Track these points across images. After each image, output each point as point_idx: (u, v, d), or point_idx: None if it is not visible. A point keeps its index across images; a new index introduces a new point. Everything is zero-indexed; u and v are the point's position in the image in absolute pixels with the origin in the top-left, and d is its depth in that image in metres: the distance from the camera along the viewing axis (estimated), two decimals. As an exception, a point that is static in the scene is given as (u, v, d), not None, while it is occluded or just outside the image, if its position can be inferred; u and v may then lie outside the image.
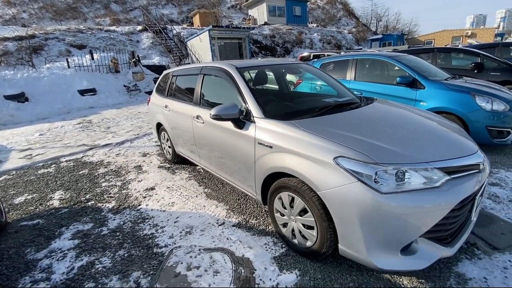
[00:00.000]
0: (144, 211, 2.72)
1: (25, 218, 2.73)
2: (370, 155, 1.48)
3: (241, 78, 2.33)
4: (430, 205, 1.39)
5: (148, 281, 1.82)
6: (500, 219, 2.21)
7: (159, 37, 15.69)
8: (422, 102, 3.83)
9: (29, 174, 3.90)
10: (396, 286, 1.66)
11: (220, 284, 1.74)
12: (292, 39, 23.09)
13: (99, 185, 3.41)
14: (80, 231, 2.45)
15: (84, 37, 13.73)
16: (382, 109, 2.27)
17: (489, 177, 2.98)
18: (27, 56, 10.39)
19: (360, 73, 4.64)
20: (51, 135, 6.09)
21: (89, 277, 1.89)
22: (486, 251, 1.89)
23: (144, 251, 2.12)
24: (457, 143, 1.74)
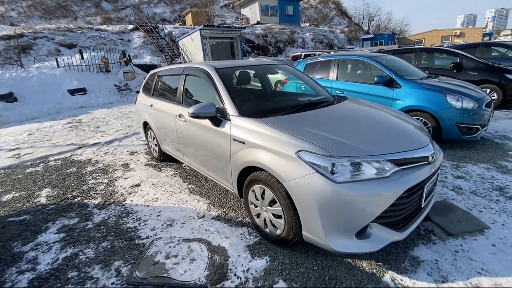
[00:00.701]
0: (129, 206, 2.84)
1: (12, 214, 2.81)
2: (327, 148, 1.63)
3: (219, 79, 2.46)
4: (379, 193, 1.55)
5: (128, 269, 1.94)
6: (459, 209, 2.39)
7: (150, 36, 15.67)
8: (399, 100, 4.02)
9: (17, 173, 3.96)
10: (356, 268, 1.82)
11: (195, 270, 1.88)
12: (284, 38, 23.27)
13: (86, 182, 3.50)
14: (66, 225, 2.55)
15: (74, 36, 13.64)
16: (349, 107, 2.44)
17: (456, 170, 3.18)
18: (15, 55, 10.31)
19: (342, 73, 4.81)
20: (39, 135, 6.12)
21: (73, 266, 2.01)
22: (441, 237, 2.07)
23: (127, 243, 2.24)
24: (410, 137, 1.91)
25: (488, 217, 2.28)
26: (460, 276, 1.71)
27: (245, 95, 2.51)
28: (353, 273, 1.78)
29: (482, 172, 3.10)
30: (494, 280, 1.67)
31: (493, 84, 5.81)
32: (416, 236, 2.09)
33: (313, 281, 1.73)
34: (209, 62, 2.96)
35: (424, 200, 1.80)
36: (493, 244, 1.96)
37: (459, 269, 1.76)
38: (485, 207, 2.42)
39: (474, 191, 2.71)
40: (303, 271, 1.81)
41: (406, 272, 1.77)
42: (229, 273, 1.84)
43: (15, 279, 1.90)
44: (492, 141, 4.13)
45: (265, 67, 3.23)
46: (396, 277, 1.73)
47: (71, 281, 1.87)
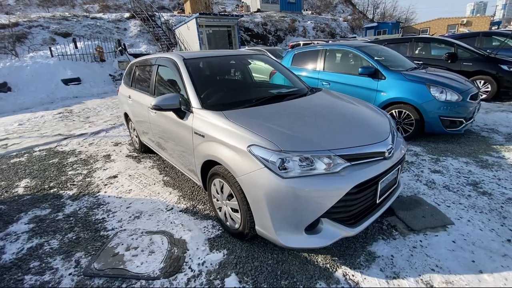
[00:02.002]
0: (102, 197, 2.85)
1: (-13, 204, 2.85)
2: (278, 143, 1.60)
3: (186, 69, 2.41)
4: (327, 189, 1.52)
5: (88, 261, 1.96)
6: (427, 204, 2.36)
7: (147, 25, 15.43)
8: (383, 92, 3.93)
9: (1, 163, 4.00)
10: (310, 263, 1.82)
11: (151, 263, 1.89)
12: (284, 27, 22.77)
13: (65, 173, 3.53)
14: (37, 216, 2.58)
15: (69, 24, 13.49)
16: (317, 100, 2.38)
17: (434, 164, 3.13)
18: (10, 45, 10.25)
19: (329, 64, 4.70)
20: (29, 125, 6.15)
21: (36, 257, 2.04)
22: (403, 232, 2.05)
23: (92, 234, 2.26)
24: (368, 131, 1.86)
25: (455, 212, 2.25)
26: (413, 273, 1.70)
27: (213, 87, 2.45)
28: (306, 267, 1.78)
29: (460, 167, 3.05)
30: (446, 278, 1.66)
31: (488, 75, 5.65)
32: (377, 231, 2.08)
33: (265, 275, 1.74)
34: (180, 52, 2.90)
35: (379, 197, 1.77)
36: (454, 241, 1.93)
37: (413, 266, 1.75)
38: (454, 202, 2.38)
39: (447, 185, 2.67)
40: (257, 265, 1.82)
41: (359, 267, 1.76)
42: (184, 266, 1.86)
43: (-23, 268, 1.94)
44: (478, 134, 4.04)
45: (239, 58, 3.15)
46: (348, 272, 1.73)
47: (32, 271, 1.90)
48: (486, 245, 1.87)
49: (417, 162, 3.21)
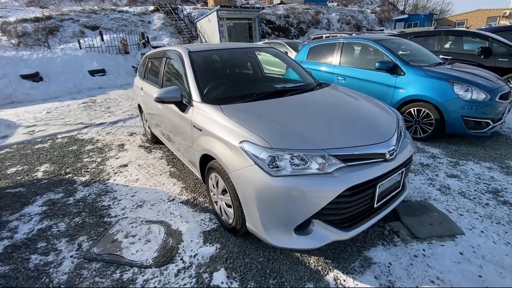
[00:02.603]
0: (110, 185, 2.97)
1: (10, 186, 3.08)
2: (269, 140, 1.55)
3: (189, 62, 2.41)
4: (317, 189, 1.45)
5: (89, 245, 2.06)
6: (436, 210, 2.20)
7: (170, 18, 15.72)
8: (401, 89, 3.69)
9: (27, 149, 4.30)
10: (302, 264, 1.77)
11: (146, 251, 1.94)
12: (308, 19, 22.15)
13: (81, 160, 3.72)
14: (51, 199, 2.75)
15: (97, 18, 14.08)
16: (322, 96, 2.28)
17: (452, 168, 2.91)
18: (43, 37, 10.92)
19: (345, 58, 4.49)
20: (56, 113, 6.54)
21: (44, 238, 2.17)
22: (405, 239, 1.93)
23: (96, 220, 2.37)
24: (370, 131, 1.74)
25: (467, 221, 2.07)
26: (409, 283, 1.59)
27: (216, 81, 2.43)
28: (297, 268, 1.74)
29: (482, 172, 2.80)
30: (447, 291, 1.54)
31: (527, 72, 5.11)
32: (378, 236, 1.97)
33: (254, 272, 1.72)
34: (188, 44, 2.90)
35: (378, 201, 1.66)
36: (461, 252, 1.79)
37: (411, 276, 1.64)
38: (468, 211, 2.20)
39: (463, 192, 2.47)
40: (248, 262, 1.80)
41: (352, 272, 1.69)
42: (176, 257, 1.89)
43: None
44: (508, 137, 3.69)
45: (247, 51, 3.09)
46: (340, 276, 1.66)
47: (38, 250, 2.03)
48: (498, 259, 1.71)
49: (433, 165, 3.00)
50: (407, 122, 3.74)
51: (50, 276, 1.79)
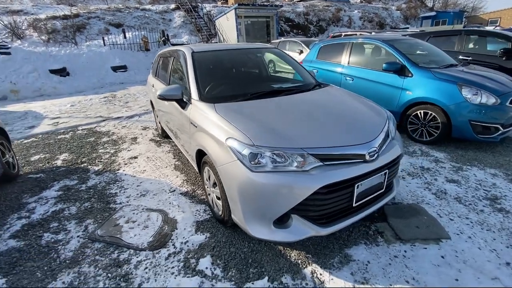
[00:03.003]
0: (119, 175, 3.21)
1: (33, 172, 3.41)
2: (252, 137, 1.65)
3: (191, 62, 2.55)
4: (293, 186, 1.54)
5: (94, 227, 2.27)
6: (426, 214, 2.20)
7: (190, 16, 16.09)
8: (408, 91, 3.63)
9: (50, 138, 4.68)
10: (283, 256, 1.86)
11: (143, 236, 2.12)
12: (328, 16, 21.74)
13: (96, 151, 4.01)
14: (66, 185, 3.02)
15: (122, 16, 14.73)
16: (314, 96, 2.35)
17: (454, 173, 2.85)
18: (71, 34, 11.63)
19: (354, 58, 4.45)
20: (79, 107, 7.01)
21: (56, 219, 2.42)
22: (389, 240, 1.96)
23: (103, 205, 2.59)
24: (352, 132, 1.79)
25: (456, 227, 2.06)
26: (384, 282, 1.64)
27: (215, 80, 2.55)
28: (278, 260, 1.83)
29: (484, 178, 2.73)
30: (421, 291, 1.57)
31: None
32: (362, 235, 2.02)
33: (237, 260, 1.84)
34: (193, 44, 3.05)
35: (357, 200, 1.71)
36: (443, 256, 1.80)
37: (387, 275, 1.68)
38: (460, 216, 2.18)
39: (459, 197, 2.43)
40: (233, 251, 1.92)
41: (330, 268, 1.75)
42: (169, 243, 2.04)
43: (13, 222, 2.38)
44: (522, 144, 3.52)
45: (251, 51, 3.19)
46: (317, 270, 1.74)
47: (50, 229, 2.28)
48: (478, 265, 1.71)
49: (434, 169, 2.95)
50: (413, 125, 3.67)
51: (58, 252, 2.01)
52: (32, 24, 11.51)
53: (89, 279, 1.76)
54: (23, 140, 4.64)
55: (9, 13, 11.93)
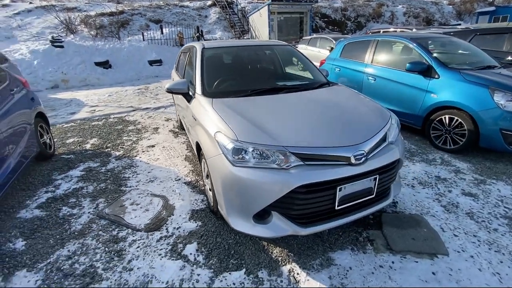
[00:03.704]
0: (135, 161, 3.47)
1: (65, 153, 3.83)
2: (237, 133, 1.69)
3: (200, 57, 2.66)
4: (271, 183, 1.55)
5: (104, 206, 2.51)
6: (427, 226, 2.04)
7: (224, 12, 16.42)
8: (433, 94, 3.35)
9: (86, 124, 5.20)
10: (265, 252, 1.89)
11: (142, 218, 2.29)
12: (368, 12, 20.59)
13: (121, 138, 4.36)
14: (89, 167, 3.36)
15: (161, 12, 15.56)
16: (314, 95, 2.32)
17: (474, 186, 2.59)
18: (115, 29, 12.62)
19: (378, 56, 4.21)
20: (115, 97, 7.63)
21: (75, 195, 2.71)
22: (378, 249, 1.87)
23: (115, 187, 2.84)
24: (341, 134, 1.73)
25: (459, 244, 1.89)
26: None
27: (220, 76, 2.61)
28: (259, 255, 1.86)
29: (509, 195, 2.44)
30: (400, 305, 1.49)
31: None
32: (350, 241, 1.95)
33: (220, 250, 1.91)
34: (206, 41, 3.15)
35: (340, 204, 1.66)
36: (434, 272, 1.67)
37: (367, 283, 1.62)
38: (466, 233, 1.99)
39: (472, 213, 2.21)
40: (219, 241, 2.00)
41: (309, 269, 1.74)
42: (163, 227, 2.19)
43: (41, 195, 2.73)
44: None
45: (262, 48, 3.20)
46: (295, 269, 1.74)
47: (68, 204, 2.57)
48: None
49: (451, 180, 2.71)
50: (437, 131, 3.39)
51: (70, 224, 2.27)
52: (84, 20, 12.72)
53: (89, 251, 1.97)
54: (63, 125, 5.21)
55: (66, 10, 13.33)
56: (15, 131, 2.75)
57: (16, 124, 2.83)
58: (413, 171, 2.90)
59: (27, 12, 13.33)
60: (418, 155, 3.30)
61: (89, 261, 1.88)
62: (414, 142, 3.68)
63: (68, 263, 1.87)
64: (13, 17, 12.74)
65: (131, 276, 1.74)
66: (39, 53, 9.99)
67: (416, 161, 3.14)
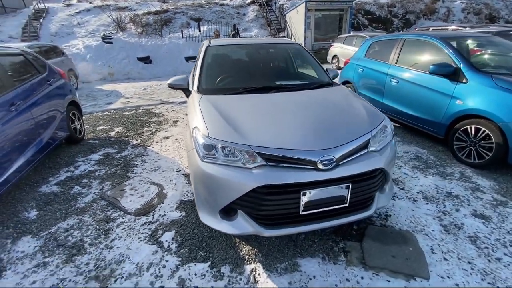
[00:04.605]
0: (147, 150, 3.73)
1: (93, 138, 4.28)
2: (210, 129, 1.74)
3: (203, 54, 2.75)
4: (233, 181, 1.56)
5: (108, 189, 2.77)
6: (414, 245, 1.86)
7: (262, 10, 16.47)
8: (459, 100, 2.99)
9: (117, 114, 5.71)
10: (235, 249, 1.91)
11: (135, 203, 2.48)
12: (419, 8, 18.85)
13: (143, 128, 4.71)
14: (107, 152, 3.70)
15: (202, 11, 16.22)
16: (305, 96, 2.27)
17: (489, 208, 2.27)
18: (159, 27, 13.53)
19: (404, 57, 3.87)
20: (149, 90, 8.22)
21: (88, 177, 3.03)
22: (350, 261, 1.77)
23: (123, 173, 3.10)
24: (312, 137, 1.65)
25: (446, 268, 1.69)
26: (318, 300, 1.52)
27: (218, 73, 2.66)
28: (228, 251, 1.89)
29: (532, 222, 2.09)
30: (356, 323, 1.40)
31: None
32: (323, 249, 1.87)
33: (193, 241, 1.98)
34: (215, 39, 3.24)
35: (306, 209, 1.59)
36: (406, 294, 1.53)
37: (327, 294, 1.55)
38: (460, 258, 1.77)
39: (476, 237, 1.95)
40: (195, 232, 2.07)
41: (272, 271, 1.72)
42: (151, 213, 2.34)
43: (62, 174, 3.10)
44: None
45: (267, 46, 3.16)
46: (258, 270, 1.73)
47: (81, 184, 2.88)
48: (443, 317, 1.39)
49: (464, 198, 2.41)
50: (461, 142, 3.02)
51: (76, 201, 2.56)
52: (132, 18, 13.87)
53: (83, 226, 2.20)
54: (99, 113, 5.80)
55: (118, 9, 14.67)
56: (46, 117, 3.15)
57: (48, 111, 3.23)
58: (422, 184, 2.64)
59: (86, 11, 14.99)
60: (435, 167, 2.98)
61: (80, 235, 2.10)
62: (434, 153, 3.33)
63: (64, 235, 2.11)
64: (74, 16, 14.45)
65: (109, 254, 1.91)
66: (92, 48, 11.19)
67: (429, 173, 2.85)
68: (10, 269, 1.81)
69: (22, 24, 12.98)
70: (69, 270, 1.79)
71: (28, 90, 3.00)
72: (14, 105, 2.66)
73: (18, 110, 2.69)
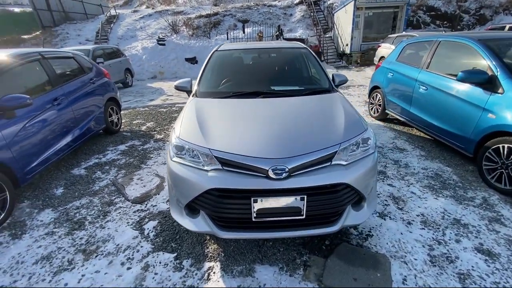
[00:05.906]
0: (165, 145, 4.08)
1: (127, 131, 4.84)
2: (182, 131, 1.87)
3: (208, 59, 2.91)
4: (190, 181, 1.65)
5: (120, 177, 3.14)
6: (385, 271, 1.69)
7: (310, 10, 16.11)
8: (491, 113, 2.56)
9: (154, 110, 6.32)
10: (203, 246, 2.01)
11: (137, 191, 2.77)
12: (499, 2, 16.06)
13: (170, 124, 5.14)
14: (132, 144, 4.17)
15: (250, 12, 16.63)
16: (289, 102, 2.23)
17: (504, 243, 1.91)
18: (208, 30, 14.37)
19: (436, 61, 3.44)
20: (189, 89, 8.83)
21: (110, 164, 3.47)
22: (307, 277, 1.71)
23: (138, 163, 3.47)
24: (270, 145, 1.63)
25: (413, 303, 1.51)
26: (259, 308, 1.52)
27: (217, 77, 2.78)
28: (196, 246, 2.00)
29: (555, 269, 1.70)
30: None
31: None
32: (285, 259, 1.84)
33: (170, 232, 2.15)
34: (224, 43, 3.37)
35: (259, 216, 1.59)
36: (352, 321, 1.42)
37: (269, 304, 1.54)
38: None
39: (468, 275, 1.68)
40: (175, 225, 2.24)
41: (228, 272, 1.77)
42: (145, 202, 2.59)
43: (92, 160, 3.62)
44: None
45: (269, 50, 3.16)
46: (215, 268, 1.80)
47: (103, 170, 3.33)
48: None
49: (472, 229, 2.07)
50: (491, 163, 2.58)
51: (94, 185, 2.97)
52: (185, 22, 15.01)
53: (90, 206, 2.57)
54: (140, 108, 6.51)
55: (174, 14, 16.04)
56: (84, 111, 3.71)
57: (87, 105, 3.80)
58: (427, 206, 2.35)
59: (148, 16, 16.76)
60: (453, 189, 2.61)
61: (86, 214, 2.46)
62: (460, 173, 2.90)
63: (74, 212, 2.50)
64: (138, 21, 16.29)
65: (100, 232, 2.20)
66: (148, 49, 12.50)
67: (443, 195, 2.51)
68: (28, 233, 2.23)
69: (97, 28, 15.18)
70: (67, 241, 2.12)
71: (71, 87, 3.57)
72: (57, 99, 3.21)
73: (60, 104, 3.24)
